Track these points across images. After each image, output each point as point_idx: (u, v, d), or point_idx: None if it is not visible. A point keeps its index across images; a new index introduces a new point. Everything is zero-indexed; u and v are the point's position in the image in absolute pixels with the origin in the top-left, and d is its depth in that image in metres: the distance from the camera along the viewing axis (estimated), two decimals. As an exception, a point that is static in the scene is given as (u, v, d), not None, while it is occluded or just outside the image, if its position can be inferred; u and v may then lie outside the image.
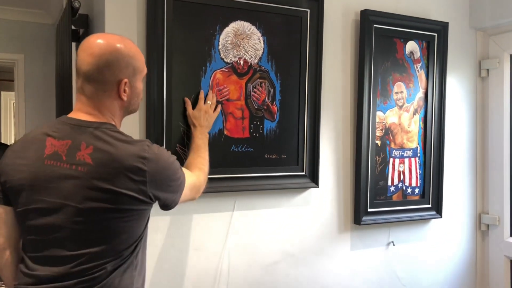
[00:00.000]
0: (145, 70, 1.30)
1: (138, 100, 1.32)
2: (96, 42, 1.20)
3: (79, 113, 1.23)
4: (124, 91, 1.23)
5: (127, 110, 1.30)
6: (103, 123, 1.22)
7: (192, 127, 1.70)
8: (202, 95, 1.74)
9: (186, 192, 1.34)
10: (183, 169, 1.36)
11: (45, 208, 1.16)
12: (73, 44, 2.46)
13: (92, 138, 1.18)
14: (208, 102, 1.74)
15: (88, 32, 2.02)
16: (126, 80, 1.22)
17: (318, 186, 2.01)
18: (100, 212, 1.15)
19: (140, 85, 1.30)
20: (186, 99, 1.72)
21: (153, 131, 1.71)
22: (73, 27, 2.02)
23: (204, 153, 1.60)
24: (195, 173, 1.46)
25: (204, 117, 1.69)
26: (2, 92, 6.55)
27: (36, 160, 1.18)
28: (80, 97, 1.24)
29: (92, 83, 1.20)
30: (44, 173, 1.17)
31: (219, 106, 1.78)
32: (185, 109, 1.74)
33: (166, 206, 1.30)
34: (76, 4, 1.81)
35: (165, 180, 1.23)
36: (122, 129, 1.30)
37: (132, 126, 1.69)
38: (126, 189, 1.15)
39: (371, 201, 2.13)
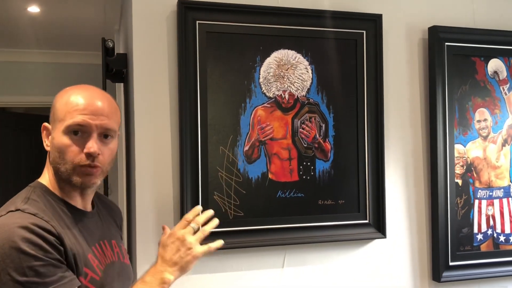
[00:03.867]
0: (65, 122, 0.99)
1: (59, 160, 1.00)
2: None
3: None
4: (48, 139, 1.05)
5: (54, 166, 1.02)
6: (36, 180, 1.08)
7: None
8: (189, 214, 1.19)
9: None
10: None
11: None
12: (121, 84, 2.43)
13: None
14: (192, 225, 1.16)
15: (128, 72, 1.94)
16: (45, 124, 1.06)
17: (385, 237, 1.75)
18: None
19: (59, 137, 1.00)
20: (164, 226, 1.21)
21: (187, 178, 1.54)
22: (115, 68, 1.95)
23: None
24: None
25: (175, 247, 1.11)
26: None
27: None
28: None
29: None
30: None
31: (219, 243, 1.20)
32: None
33: None
34: (109, 44, 1.72)
35: None
36: (150, 177, 1.09)
37: (164, 172, 1.55)
38: None
39: (452, 253, 1.83)
